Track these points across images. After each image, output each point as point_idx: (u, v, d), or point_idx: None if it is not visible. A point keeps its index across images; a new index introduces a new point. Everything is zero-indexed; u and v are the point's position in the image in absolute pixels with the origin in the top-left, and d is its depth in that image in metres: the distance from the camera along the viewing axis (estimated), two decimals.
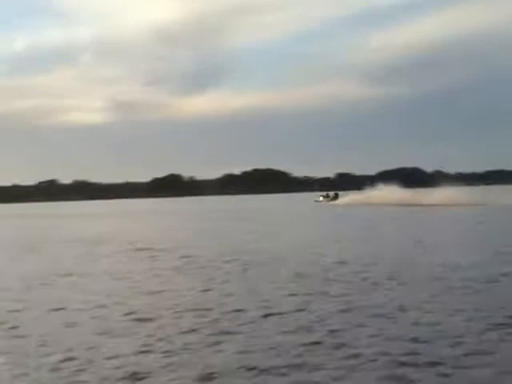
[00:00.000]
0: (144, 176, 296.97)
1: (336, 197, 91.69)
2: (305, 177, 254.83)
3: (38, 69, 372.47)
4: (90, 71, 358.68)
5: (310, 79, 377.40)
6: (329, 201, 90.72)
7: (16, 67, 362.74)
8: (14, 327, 10.95)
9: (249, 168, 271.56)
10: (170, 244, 27.82)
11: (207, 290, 14.37)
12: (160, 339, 9.68)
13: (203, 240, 30.46)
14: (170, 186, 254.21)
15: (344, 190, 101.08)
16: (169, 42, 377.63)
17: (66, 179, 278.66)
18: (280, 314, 11.32)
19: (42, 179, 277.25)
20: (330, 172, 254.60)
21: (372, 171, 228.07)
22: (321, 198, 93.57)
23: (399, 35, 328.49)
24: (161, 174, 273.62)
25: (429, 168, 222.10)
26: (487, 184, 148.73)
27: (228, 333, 9.97)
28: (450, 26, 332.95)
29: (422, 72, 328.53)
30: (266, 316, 11.14)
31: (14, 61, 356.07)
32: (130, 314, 11.74)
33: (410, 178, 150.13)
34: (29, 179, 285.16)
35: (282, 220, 49.55)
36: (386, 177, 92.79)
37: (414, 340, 9.17)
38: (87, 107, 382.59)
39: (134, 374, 7.94)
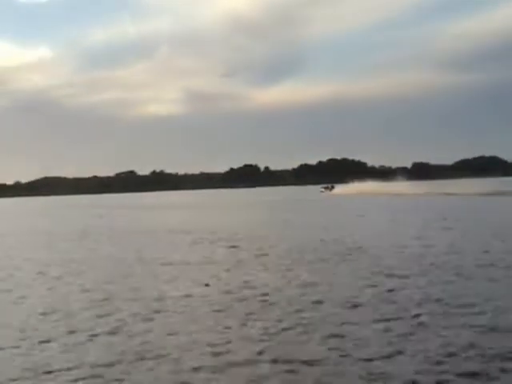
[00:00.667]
0: (219, 166, 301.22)
1: (332, 188, 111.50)
2: (381, 166, 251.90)
3: (116, 62, 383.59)
4: (167, 63, 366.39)
5: (386, 69, 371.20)
6: (329, 191, 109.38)
7: (94, 61, 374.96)
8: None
9: (324, 158, 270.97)
10: (250, 234, 29.12)
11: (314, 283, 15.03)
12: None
13: (282, 231, 31.63)
14: (246, 177, 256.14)
15: (422, 179, 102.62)
16: (244, 33, 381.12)
17: (143, 170, 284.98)
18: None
19: (120, 170, 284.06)
20: (406, 162, 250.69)
21: (450, 161, 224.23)
22: (323, 189, 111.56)
23: (478, 22, 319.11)
24: (236, 165, 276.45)
25: (509, 157, 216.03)
26: None
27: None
28: None
29: (500, 60, 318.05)
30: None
31: (93, 54, 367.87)
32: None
33: (488, 167, 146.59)
34: (108, 171, 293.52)
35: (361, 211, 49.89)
36: (463, 166, 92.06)
37: None
38: (164, 99, 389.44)
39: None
